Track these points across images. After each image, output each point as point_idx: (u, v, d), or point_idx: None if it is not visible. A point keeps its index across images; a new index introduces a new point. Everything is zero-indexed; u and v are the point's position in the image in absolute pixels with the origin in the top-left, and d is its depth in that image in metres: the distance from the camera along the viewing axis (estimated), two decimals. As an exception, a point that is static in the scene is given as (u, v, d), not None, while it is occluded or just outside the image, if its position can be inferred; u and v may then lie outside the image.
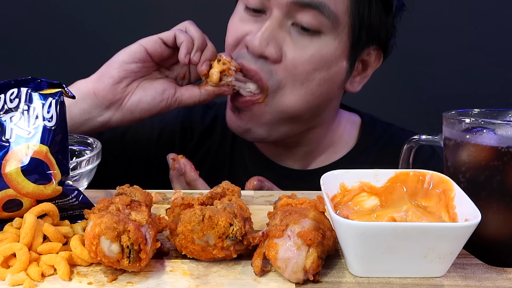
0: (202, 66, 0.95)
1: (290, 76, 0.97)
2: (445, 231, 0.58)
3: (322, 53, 0.97)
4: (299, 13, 0.94)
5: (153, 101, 0.97)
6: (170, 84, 0.99)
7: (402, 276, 0.61)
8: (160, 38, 0.95)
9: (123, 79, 0.95)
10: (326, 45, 0.97)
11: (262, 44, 0.95)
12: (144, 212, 0.64)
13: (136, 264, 0.60)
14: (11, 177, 0.66)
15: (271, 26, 0.96)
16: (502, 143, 0.63)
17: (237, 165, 1.16)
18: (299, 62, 0.97)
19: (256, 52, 0.96)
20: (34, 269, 0.61)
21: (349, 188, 0.71)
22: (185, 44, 0.93)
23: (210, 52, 0.95)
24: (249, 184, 0.93)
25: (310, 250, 0.59)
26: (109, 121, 0.98)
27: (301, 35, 0.96)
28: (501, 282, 0.61)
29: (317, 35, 0.96)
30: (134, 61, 0.95)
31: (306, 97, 0.99)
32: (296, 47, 0.96)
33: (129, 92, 0.97)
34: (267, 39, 0.95)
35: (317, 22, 0.94)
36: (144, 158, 1.18)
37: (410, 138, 0.77)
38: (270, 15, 0.97)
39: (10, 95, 0.71)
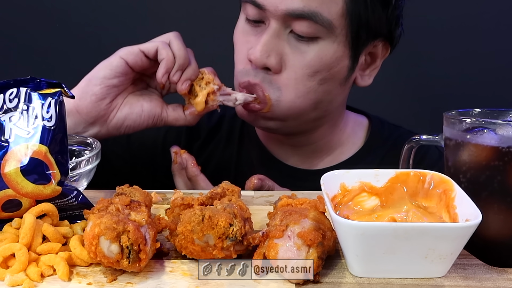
0: (182, 85, 0.94)
1: (291, 81, 0.98)
2: (445, 231, 0.58)
3: (321, 56, 0.98)
4: (295, 23, 0.95)
5: (139, 119, 0.97)
6: (157, 103, 0.99)
7: (403, 277, 0.61)
8: (141, 51, 0.94)
9: (107, 95, 0.94)
10: (324, 49, 0.97)
11: (264, 56, 0.96)
12: (143, 213, 0.64)
13: (135, 265, 0.60)
14: (10, 177, 0.66)
15: (269, 37, 0.97)
16: (503, 143, 0.63)
17: (243, 164, 1.16)
18: (299, 67, 0.98)
19: (258, 64, 0.97)
20: (33, 270, 0.61)
21: (349, 188, 0.71)
22: (165, 63, 0.92)
23: (192, 71, 0.94)
24: (249, 183, 0.93)
25: (310, 251, 0.59)
26: (96, 135, 0.97)
27: (299, 42, 0.97)
28: (502, 282, 0.61)
29: (314, 41, 0.97)
30: (115, 76, 0.94)
31: (309, 95, 1.00)
32: (295, 54, 0.97)
33: (114, 107, 0.96)
34: (267, 50, 0.96)
35: (312, 30, 0.95)
36: (150, 158, 1.18)
37: (411, 138, 0.77)
38: (268, 26, 0.98)
39: (9, 95, 0.71)
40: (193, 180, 0.98)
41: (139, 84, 1.01)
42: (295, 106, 1.00)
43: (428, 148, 0.76)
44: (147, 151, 1.18)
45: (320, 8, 0.94)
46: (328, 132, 1.12)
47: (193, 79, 0.95)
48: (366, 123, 1.19)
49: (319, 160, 1.14)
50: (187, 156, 0.99)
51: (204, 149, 1.19)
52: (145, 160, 1.18)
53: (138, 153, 1.18)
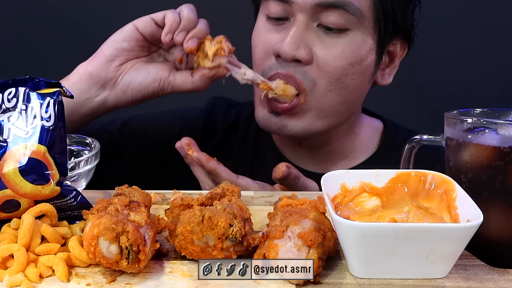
0: (187, 42, 0.93)
1: (324, 74, 0.98)
2: (446, 232, 0.57)
3: (352, 48, 0.97)
4: (324, 14, 0.95)
5: (144, 81, 0.98)
6: (165, 67, 1.00)
7: (404, 278, 0.61)
8: (151, 18, 0.96)
9: (115, 58, 0.97)
10: (354, 40, 0.97)
11: (293, 48, 0.95)
12: (143, 213, 0.64)
13: (135, 265, 0.59)
14: (9, 178, 0.66)
15: (298, 30, 0.96)
16: (504, 143, 0.63)
17: (258, 166, 1.16)
18: (331, 59, 0.97)
19: (288, 56, 0.96)
20: (32, 270, 0.60)
21: (350, 188, 0.70)
22: (169, 24, 0.93)
23: (198, 30, 0.94)
24: (277, 170, 0.91)
25: (310, 251, 0.59)
26: (106, 101, 1.00)
27: (328, 35, 0.97)
28: (503, 283, 0.61)
29: (344, 32, 0.97)
30: (125, 40, 0.97)
31: (341, 91, 1.00)
32: (325, 46, 0.97)
33: (122, 71, 0.98)
34: (297, 42, 0.96)
35: (342, 20, 0.95)
36: (164, 157, 1.18)
37: (412, 138, 0.77)
38: (294, 20, 0.97)
39: (7, 95, 0.70)
40: (214, 174, 0.96)
41: (155, 57, 1.02)
42: (327, 99, 1.00)
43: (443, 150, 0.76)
44: (161, 149, 1.18)
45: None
46: (343, 135, 1.12)
47: (200, 37, 0.94)
48: (380, 127, 1.19)
49: (333, 164, 1.14)
50: (197, 155, 0.97)
51: (219, 150, 1.19)
52: (159, 159, 1.18)
53: (153, 151, 1.18)
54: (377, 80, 1.08)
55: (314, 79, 0.98)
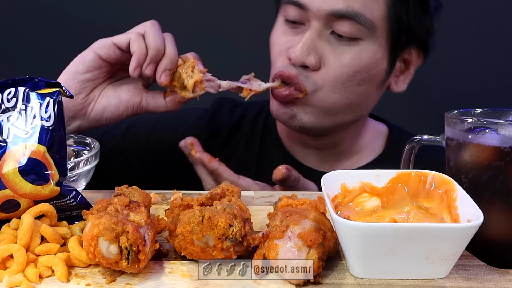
0: (160, 77, 0.90)
1: (329, 78, 0.99)
2: (447, 232, 0.57)
3: (361, 57, 0.99)
4: (337, 23, 0.96)
5: (117, 110, 0.95)
6: (136, 91, 0.96)
7: (404, 278, 0.61)
8: (113, 44, 0.90)
9: (81, 90, 0.92)
10: (365, 50, 0.99)
11: (303, 54, 0.97)
12: (143, 213, 0.64)
13: (134, 266, 0.59)
14: (8, 178, 0.66)
15: (310, 37, 0.98)
16: (504, 143, 0.63)
17: (265, 164, 1.16)
18: (338, 66, 0.98)
19: (297, 62, 0.98)
20: (32, 271, 0.60)
21: (350, 188, 0.70)
22: (136, 56, 0.88)
23: (167, 61, 0.90)
24: (277, 172, 0.92)
25: (310, 251, 0.59)
26: (80, 128, 0.96)
27: (340, 42, 0.98)
28: (504, 283, 0.61)
29: (355, 41, 0.98)
30: (88, 71, 0.91)
31: (346, 94, 1.01)
32: (335, 54, 0.98)
33: (91, 101, 0.94)
34: (308, 49, 0.97)
35: (354, 30, 0.96)
36: (168, 157, 1.18)
37: (412, 138, 0.77)
38: (309, 26, 0.99)
39: (7, 95, 0.70)
40: (215, 174, 0.97)
41: (121, 73, 0.97)
42: (331, 100, 1.01)
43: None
44: (165, 150, 1.18)
45: (363, 9, 0.95)
46: (350, 137, 1.13)
47: (171, 69, 0.91)
48: (385, 131, 1.20)
49: (339, 164, 1.15)
50: (200, 155, 0.97)
51: (225, 148, 1.19)
52: (163, 160, 1.18)
53: (157, 152, 1.18)
54: (391, 87, 1.09)
55: (317, 83, 0.99)
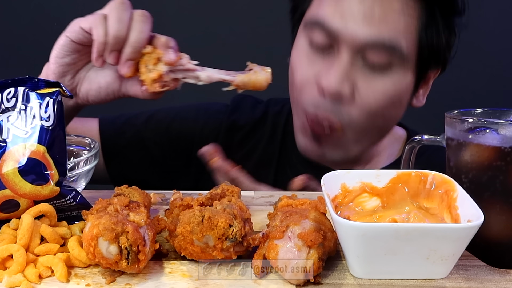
0: (122, 68, 0.82)
1: (364, 110, 0.98)
2: (447, 232, 0.57)
3: (394, 85, 0.97)
4: (369, 52, 0.94)
5: (99, 94, 0.91)
6: (114, 78, 0.90)
7: (404, 278, 0.61)
8: (80, 28, 0.85)
9: (66, 73, 0.89)
10: (396, 77, 0.97)
11: (338, 85, 0.95)
12: (142, 213, 0.64)
13: (134, 266, 0.59)
14: (8, 178, 0.66)
15: (343, 65, 0.95)
16: (505, 143, 0.63)
17: (284, 163, 1.16)
18: (372, 97, 0.97)
19: (332, 92, 0.96)
20: (31, 271, 0.60)
21: (350, 188, 0.70)
22: (96, 46, 0.82)
23: (130, 50, 0.81)
24: (297, 183, 0.92)
25: (310, 252, 0.59)
26: (78, 105, 0.95)
27: (372, 71, 0.96)
28: (504, 284, 0.61)
29: (388, 69, 0.96)
30: (66, 55, 0.88)
31: (378, 120, 1.01)
32: (367, 82, 0.96)
33: (77, 83, 0.91)
34: (342, 78, 0.95)
35: (388, 60, 0.95)
36: (187, 149, 1.19)
37: (412, 138, 0.77)
38: (339, 53, 0.96)
39: (7, 95, 0.70)
40: (236, 182, 0.96)
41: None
42: (364, 128, 1.00)
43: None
44: (184, 141, 1.19)
45: (396, 38, 0.94)
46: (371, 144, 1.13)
47: (133, 59, 0.82)
48: (404, 136, 1.20)
49: (358, 167, 1.15)
50: (220, 164, 0.96)
51: (246, 143, 1.19)
52: (181, 151, 1.19)
53: (176, 143, 1.18)
54: (412, 103, 1.08)
55: (352, 116, 0.98)
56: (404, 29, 0.94)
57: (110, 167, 1.16)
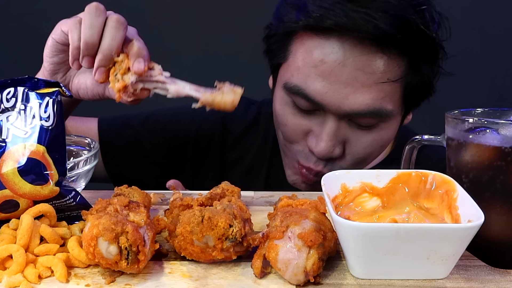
0: (95, 74, 0.81)
1: (354, 160, 0.99)
2: (447, 232, 0.57)
3: (382, 135, 0.98)
4: (356, 117, 0.94)
5: (86, 94, 0.91)
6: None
7: (404, 278, 0.60)
8: (61, 30, 0.84)
9: (56, 71, 0.90)
10: (385, 129, 0.98)
11: (329, 151, 0.95)
12: (142, 213, 0.64)
13: (134, 266, 0.59)
14: (7, 178, 0.66)
15: (331, 132, 0.95)
16: (505, 143, 0.62)
17: (276, 165, 1.16)
18: (362, 148, 0.98)
19: (323, 157, 0.97)
20: (31, 271, 0.60)
21: (350, 188, 0.70)
22: (70, 49, 0.81)
23: (101, 58, 0.79)
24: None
25: (310, 252, 0.59)
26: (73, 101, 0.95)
27: (360, 129, 0.96)
28: (505, 284, 0.60)
29: (375, 126, 0.96)
30: (54, 54, 0.88)
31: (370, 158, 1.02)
32: (356, 136, 0.97)
33: (68, 80, 0.92)
34: (332, 144, 0.95)
35: (375, 121, 0.95)
36: (182, 149, 1.19)
37: (412, 138, 0.77)
38: (326, 118, 0.95)
39: (6, 95, 0.70)
40: None
41: None
42: (357, 167, 1.02)
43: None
44: (180, 142, 1.19)
45: (383, 102, 0.92)
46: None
47: (104, 66, 0.80)
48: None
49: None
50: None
51: (239, 146, 1.20)
52: (178, 151, 1.19)
53: (172, 143, 1.19)
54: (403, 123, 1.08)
55: (343, 166, 1.00)
56: (389, 91, 0.93)
57: (108, 166, 1.17)
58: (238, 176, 1.17)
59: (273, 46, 1.01)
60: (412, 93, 0.97)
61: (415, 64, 0.93)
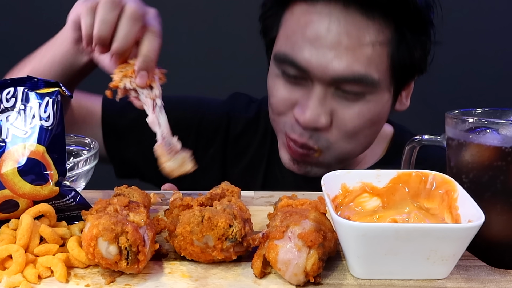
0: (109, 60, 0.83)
1: (341, 133, 0.98)
2: (448, 232, 0.57)
3: (369, 107, 0.97)
4: (341, 83, 0.94)
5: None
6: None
7: (405, 278, 0.60)
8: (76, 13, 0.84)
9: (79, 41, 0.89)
10: (372, 100, 0.97)
11: (315, 120, 0.95)
12: (142, 213, 0.63)
13: (134, 266, 0.59)
14: (7, 178, 0.66)
15: (317, 100, 0.95)
16: (505, 143, 0.62)
17: (274, 163, 1.17)
18: (349, 120, 0.97)
19: (308, 127, 0.96)
20: (31, 271, 0.60)
21: (350, 188, 0.70)
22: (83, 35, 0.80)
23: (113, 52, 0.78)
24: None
25: (311, 252, 0.58)
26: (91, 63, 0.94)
27: (346, 98, 0.96)
28: (505, 284, 0.60)
29: (362, 96, 0.96)
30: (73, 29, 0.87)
31: (360, 141, 1.01)
32: (343, 108, 0.96)
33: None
34: (317, 113, 0.95)
35: (360, 89, 0.94)
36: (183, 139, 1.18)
37: (412, 138, 0.77)
38: (312, 86, 0.96)
39: (6, 94, 0.70)
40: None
41: None
42: (346, 151, 1.01)
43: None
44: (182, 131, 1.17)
45: (367, 69, 0.93)
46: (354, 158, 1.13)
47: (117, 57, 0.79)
48: (390, 133, 1.20)
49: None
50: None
51: (238, 144, 1.20)
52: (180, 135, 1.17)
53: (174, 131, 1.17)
54: (396, 108, 1.07)
55: (330, 140, 0.98)
56: (375, 58, 0.93)
57: (108, 145, 1.16)
58: (237, 172, 1.17)
59: (267, 21, 1.04)
60: (400, 68, 0.97)
61: (401, 32, 0.95)
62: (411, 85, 1.08)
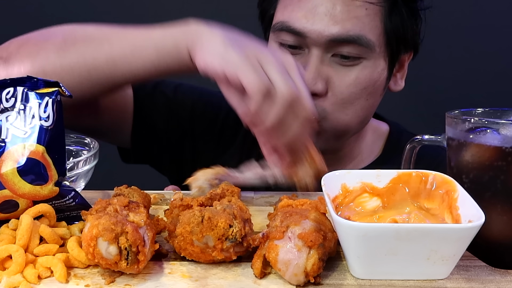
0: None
1: (337, 101, 0.99)
2: (448, 232, 0.57)
3: (365, 74, 0.99)
4: (337, 47, 0.96)
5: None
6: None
7: (405, 279, 0.60)
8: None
9: None
10: (367, 67, 0.99)
11: (311, 84, 0.96)
12: (142, 213, 0.63)
13: (134, 266, 0.59)
14: (7, 178, 0.66)
15: (314, 64, 0.97)
16: (506, 143, 0.62)
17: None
18: (345, 88, 0.98)
19: None
20: (31, 271, 0.60)
21: (350, 188, 0.70)
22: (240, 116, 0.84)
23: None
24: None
25: (311, 252, 0.58)
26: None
27: (342, 64, 0.98)
28: (505, 284, 0.60)
29: (358, 60, 0.98)
30: None
31: (357, 112, 1.02)
32: (339, 75, 0.98)
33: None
34: (314, 78, 0.96)
35: (356, 51, 0.97)
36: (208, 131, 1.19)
37: (413, 138, 0.77)
38: (309, 53, 0.98)
39: (6, 94, 0.70)
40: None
41: None
42: (344, 122, 1.01)
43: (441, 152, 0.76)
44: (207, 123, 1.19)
45: (362, 31, 0.96)
46: (353, 141, 1.13)
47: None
48: (386, 131, 1.20)
49: (342, 168, 1.14)
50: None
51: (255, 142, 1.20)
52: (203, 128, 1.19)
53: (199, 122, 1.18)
54: (391, 87, 1.09)
55: (326, 109, 0.99)
56: (369, 22, 0.97)
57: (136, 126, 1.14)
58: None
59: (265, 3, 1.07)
60: (393, 35, 1.00)
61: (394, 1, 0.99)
62: (404, 66, 1.10)
